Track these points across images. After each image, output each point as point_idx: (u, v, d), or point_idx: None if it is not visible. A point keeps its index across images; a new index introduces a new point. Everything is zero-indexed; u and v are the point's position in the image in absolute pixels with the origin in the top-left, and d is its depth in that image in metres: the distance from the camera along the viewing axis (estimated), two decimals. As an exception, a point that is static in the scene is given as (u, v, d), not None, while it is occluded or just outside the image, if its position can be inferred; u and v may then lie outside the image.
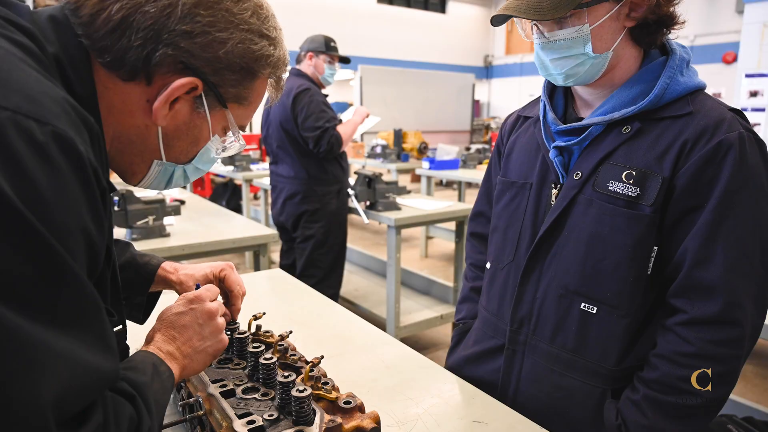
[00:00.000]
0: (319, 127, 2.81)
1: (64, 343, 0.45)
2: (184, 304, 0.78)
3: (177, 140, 0.69)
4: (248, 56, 0.66)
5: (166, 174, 0.73)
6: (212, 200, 6.42)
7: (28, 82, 0.48)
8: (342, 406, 0.78)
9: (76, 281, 0.47)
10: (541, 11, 0.85)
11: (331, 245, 3.05)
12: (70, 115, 0.50)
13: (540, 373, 0.98)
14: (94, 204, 0.51)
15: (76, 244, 0.48)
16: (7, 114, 0.44)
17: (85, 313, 0.48)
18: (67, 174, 0.47)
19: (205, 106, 0.67)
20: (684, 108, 0.89)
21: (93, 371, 0.48)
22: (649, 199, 0.87)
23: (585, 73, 0.92)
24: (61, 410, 0.45)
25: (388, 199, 2.94)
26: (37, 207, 0.44)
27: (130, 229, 2.15)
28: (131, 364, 0.66)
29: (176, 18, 0.60)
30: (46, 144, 0.46)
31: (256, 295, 1.53)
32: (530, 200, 1.02)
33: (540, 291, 0.99)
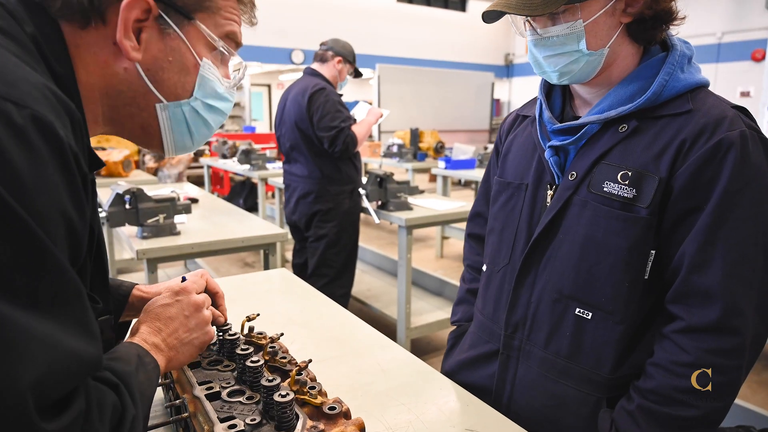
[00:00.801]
0: (335, 127, 2.82)
1: (45, 327, 0.44)
2: (170, 296, 0.78)
3: (162, 72, 0.66)
4: None
5: (178, 120, 0.69)
6: (230, 198, 6.49)
7: (6, 66, 0.48)
8: (326, 412, 0.76)
9: (57, 266, 0.46)
10: (531, 7, 0.82)
11: (344, 245, 3.05)
12: (50, 101, 0.49)
13: (534, 379, 0.96)
14: (75, 189, 0.50)
15: (57, 230, 0.47)
16: None
17: (66, 298, 0.48)
18: (46, 158, 0.46)
19: (172, 24, 0.64)
20: (683, 105, 0.85)
21: (74, 357, 0.47)
22: (645, 200, 0.84)
23: (580, 71, 0.89)
24: (41, 395, 0.44)
25: (400, 199, 2.92)
26: (16, 191, 0.43)
27: (141, 227, 2.17)
28: (115, 354, 0.65)
29: None
30: (25, 127, 0.45)
31: (259, 294, 1.53)
32: (526, 201, 0.99)
33: (534, 295, 0.96)
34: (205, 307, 0.79)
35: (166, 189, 3.17)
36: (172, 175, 8.15)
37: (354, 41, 3.13)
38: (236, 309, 1.37)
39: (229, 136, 8.24)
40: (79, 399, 0.49)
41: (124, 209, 2.12)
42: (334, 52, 3.00)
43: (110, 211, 2.09)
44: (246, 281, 1.65)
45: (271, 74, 13.65)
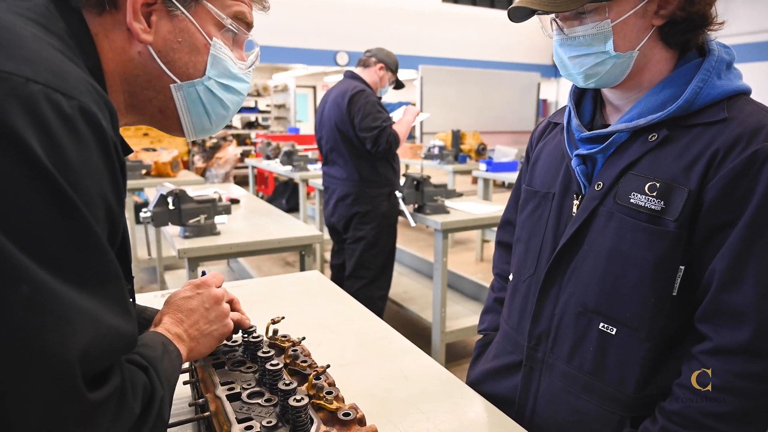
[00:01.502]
0: (377, 127, 2.85)
1: (89, 302, 0.47)
2: (191, 289, 0.81)
3: (173, 53, 0.68)
4: None
5: (195, 101, 0.71)
6: (273, 198, 6.64)
7: (54, 60, 0.51)
8: (341, 418, 0.77)
9: (100, 246, 0.49)
10: (555, 3, 0.80)
11: (382, 247, 3.07)
12: (92, 94, 0.53)
13: (556, 393, 0.94)
14: (115, 176, 0.53)
15: (99, 212, 0.50)
16: (39, 87, 0.46)
17: (108, 276, 0.50)
18: (91, 145, 0.50)
19: (179, 6, 0.66)
20: (718, 114, 0.81)
21: (114, 332, 0.50)
22: (674, 213, 0.80)
23: (607, 74, 0.86)
24: (87, 366, 0.47)
25: (437, 203, 2.90)
26: (66, 173, 0.46)
27: (183, 227, 2.26)
28: (142, 341, 0.68)
29: None
30: (73, 116, 0.48)
31: (291, 296, 1.56)
32: (552, 211, 0.97)
33: (558, 307, 0.94)
34: (225, 300, 0.81)
35: (210, 189, 3.27)
36: (219, 175, 8.41)
37: (398, 42, 3.18)
38: (266, 310, 1.40)
39: (274, 137, 8.44)
40: (116, 374, 0.52)
41: (167, 209, 2.21)
42: (377, 58, 3.04)
43: (155, 211, 2.18)
44: (279, 282, 1.69)
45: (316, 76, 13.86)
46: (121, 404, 0.51)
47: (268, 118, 10.87)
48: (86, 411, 0.46)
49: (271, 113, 11.07)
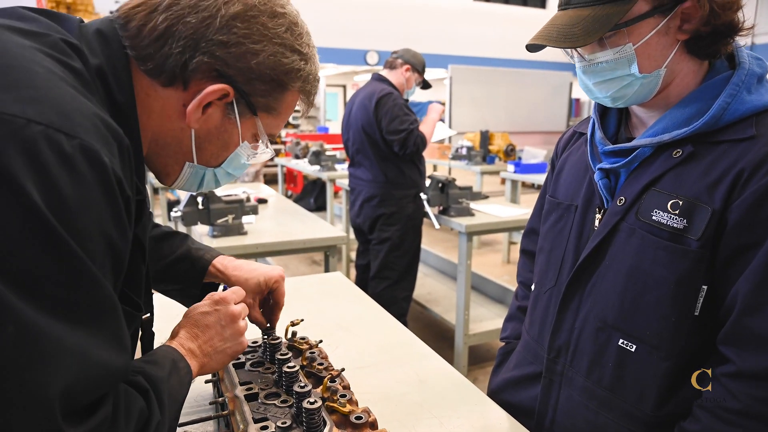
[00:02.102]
0: (404, 130, 2.87)
1: (78, 338, 0.49)
2: (209, 304, 0.83)
3: (208, 143, 0.73)
4: (279, 68, 0.70)
5: (197, 177, 0.77)
6: (301, 197, 6.72)
7: (63, 99, 0.53)
8: (353, 421, 0.80)
9: (94, 282, 0.51)
10: (573, 38, 0.79)
11: (407, 248, 3.08)
12: (99, 129, 0.54)
13: (575, 407, 0.93)
14: (117, 211, 0.54)
15: (97, 247, 0.52)
16: (41, 128, 0.48)
17: (101, 311, 0.52)
18: (91, 183, 0.51)
19: (236, 112, 0.71)
20: (746, 131, 0.78)
21: (103, 367, 0.51)
22: (697, 232, 0.78)
23: (635, 94, 0.84)
24: (70, 401, 0.48)
25: (461, 205, 2.90)
26: (60, 212, 0.48)
27: (211, 227, 2.32)
28: (152, 358, 0.71)
29: (214, 29, 0.65)
30: (73, 155, 0.50)
31: (313, 297, 1.59)
32: (575, 223, 0.96)
33: (578, 321, 0.93)
34: (242, 318, 0.84)
35: (239, 189, 3.35)
36: (250, 173, 8.56)
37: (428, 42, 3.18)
38: (288, 311, 1.43)
39: (303, 136, 8.53)
40: (107, 404, 0.53)
41: (197, 209, 2.27)
42: (404, 60, 3.05)
43: (185, 211, 2.25)
44: (302, 283, 1.72)
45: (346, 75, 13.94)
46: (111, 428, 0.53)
47: (298, 117, 11.00)
48: None
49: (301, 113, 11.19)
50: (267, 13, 0.68)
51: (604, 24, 0.78)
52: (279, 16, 0.69)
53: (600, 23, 0.78)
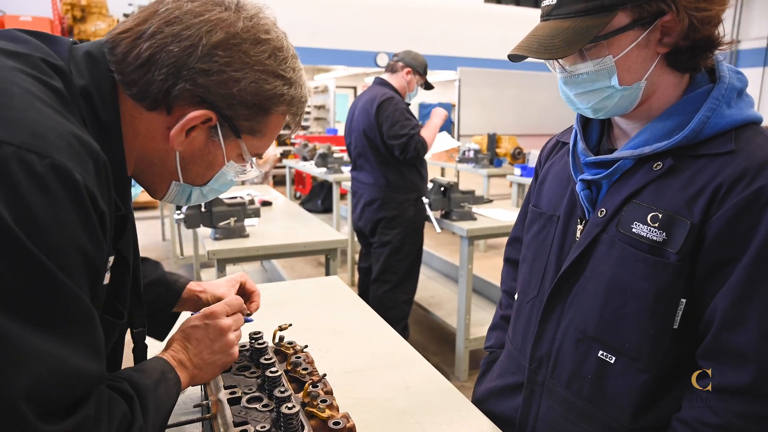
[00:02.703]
0: (405, 135, 2.89)
1: (50, 345, 0.51)
2: (200, 318, 0.87)
3: (193, 164, 0.76)
4: (261, 94, 0.72)
5: (184, 193, 0.80)
6: (309, 198, 6.77)
7: (38, 119, 0.55)
8: (331, 427, 0.81)
9: (68, 293, 0.53)
10: (553, 49, 0.79)
11: (408, 252, 3.10)
12: (73, 147, 0.56)
13: (555, 418, 0.93)
14: (90, 225, 0.56)
15: (72, 261, 0.54)
16: (12, 149, 0.51)
17: (74, 320, 0.54)
18: (63, 200, 0.53)
19: (220, 135, 0.73)
20: (725, 145, 0.78)
21: (76, 371, 0.54)
22: (676, 246, 0.78)
23: (615, 106, 0.85)
24: (44, 402, 0.51)
25: (463, 209, 2.91)
26: (31, 230, 0.50)
27: (213, 229, 2.35)
28: (141, 367, 0.75)
29: (196, 57, 0.67)
30: (45, 174, 0.52)
31: (308, 301, 1.61)
32: (557, 234, 0.97)
33: (560, 332, 0.93)
34: (233, 330, 0.87)
35: (244, 191, 3.38)
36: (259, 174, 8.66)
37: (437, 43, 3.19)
38: (282, 315, 1.46)
39: (311, 138, 8.58)
40: (88, 405, 0.56)
41: (199, 212, 2.31)
42: (404, 63, 3.06)
43: (187, 214, 2.28)
44: (297, 287, 1.74)
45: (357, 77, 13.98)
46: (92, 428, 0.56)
47: (308, 119, 11.07)
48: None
49: (311, 114, 11.26)
50: (250, 41, 0.70)
51: (584, 36, 0.78)
52: (262, 43, 0.71)
53: (580, 35, 0.78)
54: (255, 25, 0.71)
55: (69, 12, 6.71)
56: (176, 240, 4.38)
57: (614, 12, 0.78)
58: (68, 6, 6.71)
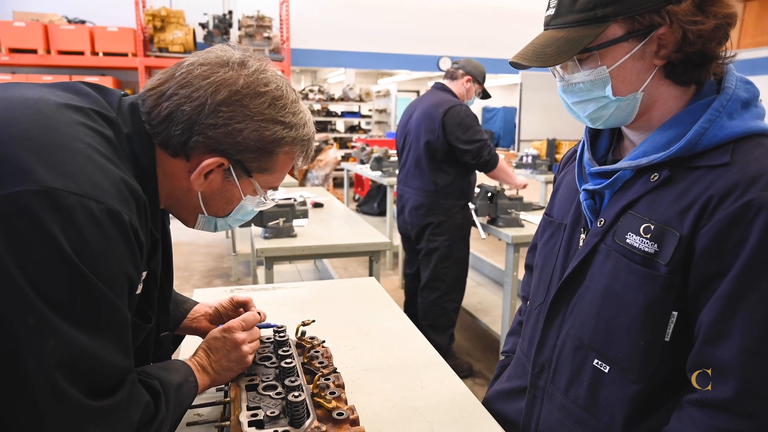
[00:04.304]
0: (479, 140, 2.95)
1: (96, 345, 0.67)
2: (219, 331, 1.00)
3: (213, 200, 0.89)
4: (263, 140, 0.83)
5: (210, 223, 0.93)
6: (366, 201, 6.88)
7: (96, 171, 0.69)
8: (334, 417, 0.87)
9: (111, 306, 0.68)
10: (544, 58, 0.81)
11: (456, 259, 3.10)
12: (122, 192, 0.71)
13: (553, 424, 0.95)
14: (134, 254, 0.71)
15: (118, 283, 0.69)
16: (77, 197, 0.65)
17: (116, 327, 0.70)
18: (114, 236, 0.68)
19: (234, 176, 0.85)
20: (721, 157, 0.77)
21: (112, 364, 0.69)
22: (666, 257, 0.78)
23: (612, 116, 0.85)
24: (92, 387, 0.67)
25: (510, 215, 2.88)
26: (89, 260, 0.65)
27: (263, 228, 2.48)
28: (169, 366, 0.88)
29: (204, 114, 0.79)
30: (101, 217, 0.66)
31: (340, 301, 1.68)
32: (563, 242, 0.98)
33: (561, 338, 0.95)
34: (246, 343, 0.99)
35: (297, 193, 3.51)
36: (320, 176, 8.87)
37: (500, 47, 3.19)
38: (313, 312, 1.53)
39: (371, 141, 8.72)
40: (123, 391, 0.71)
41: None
42: (465, 71, 3.09)
43: (240, 213, 2.42)
44: (334, 286, 1.82)
45: (420, 81, 14.05)
46: (124, 413, 0.70)
47: (370, 122, 11.25)
48: (93, 411, 0.66)
49: (373, 117, 11.43)
50: (250, 95, 0.81)
51: (575, 46, 0.80)
52: (261, 95, 0.82)
53: (571, 45, 0.80)
54: (255, 80, 0.82)
55: (150, 22, 7.23)
56: (235, 238, 4.61)
57: (606, 23, 0.79)
58: (150, 17, 7.24)
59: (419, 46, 10.72)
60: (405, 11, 10.32)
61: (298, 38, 9.58)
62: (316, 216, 3.05)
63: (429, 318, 3.13)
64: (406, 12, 10.35)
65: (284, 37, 9.06)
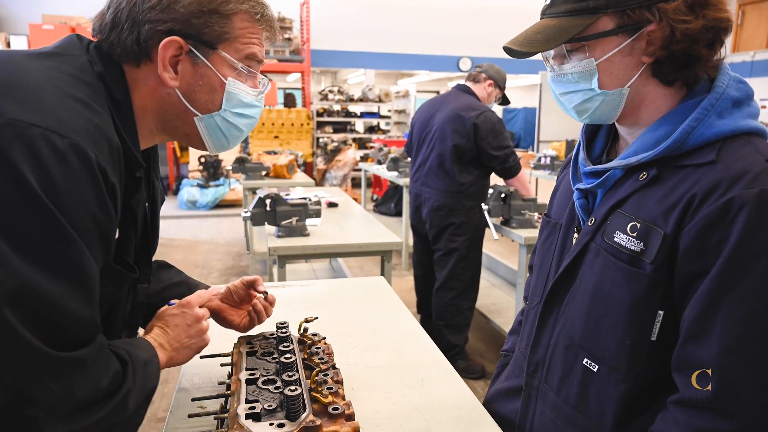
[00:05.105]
0: (507, 146, 3.01)
1: (54, 285, 0.63)
2: (177, 307, 0.96)
3: (195, 93, 0.84)
4: (203, 1, 0.80)
5: (213, 128, 0.88)
6: (383, 201, 6.90)
7: (63, 110, 0.68)
8: (330, 412, 0.88)
9: (75, 247, 0.65)
10: (533, 44, 0.82)
11: (473, 259, 3.11)
12: (89, 132, 0.69)
13: (546, 423, 0.95)
14: (100, 193, 0.69)
15: (83, 221, 0.67)
16: (40, 130, 0.64)
17: (77, 270, 0.66)
18: (78, 171, 0.66)
19: (199, 55, 0.82)
20: (707, 156, 0.77)
21: (71, 312, 0.65)
22: (650, 256, 0.78)
23: (598, 110, 0.86)
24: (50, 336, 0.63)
25: (524, 216, 2.86)
26: (52, 193, 0.63)
27: (277, 227, 2.51)
28: (136, 343, 0.85)
29: (139, 2, 0.79)
30: (65, 151, 0.65)
31: (348, 299, 1.69)
32: (559, 242, 0.98)
33: (554, 337, 0.95)
34: (204, 319, 0.96)
35: (311, 193, 3.55)
36: (338, 176, 8.94)
37: None
38: (320, 309, 1.55)
39: (390, 142, 8.74)
40: (90, 349, 0.68)
41: (264, 211, 2.48)
42: (487, 75, 3.11)
43: (253, 212, 2.46)
44: (343, 285, 1.83)
45: (440, 81, 14.03)
46: (90, 373, 0.67)
47: (389, 123, 11.28)
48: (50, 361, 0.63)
49: (392, 118, 11.46)
50: None
51: (564, 35, 0.81)
52: None
53: (561, 33, 0.81)
54: None
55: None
56: (252, 236, 4.67)
57: (597, 15, 0.80)
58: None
59: (439, 46, 10.71)
60: (425, 12, 10.32)
61: (318, 39, 9.67)
62: (331, 216, 3.08)
63: (445, 318, 3.14)
64: (425, 12, 10.34)
65: (305, 38, 9.14)
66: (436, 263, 3.20)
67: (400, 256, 5.27)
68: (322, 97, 10.17)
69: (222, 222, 7.15)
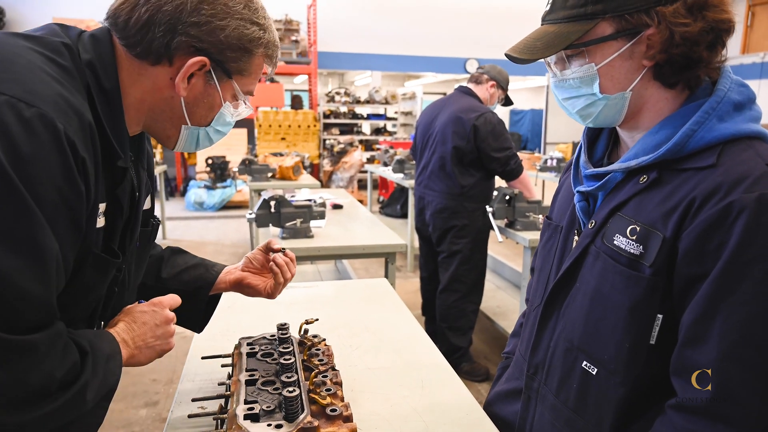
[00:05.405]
0: (509, 148, 2.98)
1: (8, 261, 0.60)
2: (148, 305, 0.92)
3: (196, 107, 0.88)
4: (243, 38, 0.84)
5: (193, 137, 0.91)
6: (389, 203, 6.90)
7: (33, 81, 0.68)
8: (327, 413, 0.89)
9: (34, 220, 0.62)
10: (532, 51, 0.83)
11: (476, 262, 3.10)
12: (58, 104, 0.68)
13: (545, 425, 0.95)
14: (67, 166, 0.66)
15: (47, 194, 0.64)
16: (5, 98, 0.63)
17: (34, 246, 0.63)
18: (44, 142, 0.64)
19: (215, 78, 0.85)
20: (707, 159, 0.76)
21: (20, 289, 0.61)
22: (650, 259, 0.78)
23: (600, 114, 0.86)
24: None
25: (528, 219, 2.86)
26: (15, 161, 0.61)
27: (281, 229, 2.52)
28: (102, 336, 0.80)
29: (187, 12, 0.80)
30: (31, 120, 0.64)
31: (352, 301, 1.70)
32: (559, 244, 0.98)
33: (553, 340, 0.95)
34: (173, 323, 0.92)
35: (317, 195, 3.56)
36: (344, 178, 8.95)
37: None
38: (323, 311, 1.56)
39: (396, 143, 8.74)
40: (42, 335, 0.64)
41: (269, 212, 2.49)
42: (489, 76, 3.10)
43: (258, 214, 2.47)
44: (346, 287, 1.84)
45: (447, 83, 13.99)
46: (40, 361, 0.63)
47: (395, 125, 11.28)
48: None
49: (398, 120, 11.46)
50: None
51: (563, 41, 0.81)
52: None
53: (560, 39, 0.81)
54: None
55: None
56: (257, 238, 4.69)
57: (595, 21, 0.80)
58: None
59: (446, 48, 10.70)
60: (431, 13, 10.32)
61: (325, 41, 9.69)
62: (336, 217, 3.09)
63: (449, 320, 3.14)
64: (432, 14, 10.34)
65: (311, 40, 9.17)
66: (439, 265, 3.20)
67: (405, 258, 5.28)
68: (328, 98, 10.20)
69: (228, 223, 7.19)
